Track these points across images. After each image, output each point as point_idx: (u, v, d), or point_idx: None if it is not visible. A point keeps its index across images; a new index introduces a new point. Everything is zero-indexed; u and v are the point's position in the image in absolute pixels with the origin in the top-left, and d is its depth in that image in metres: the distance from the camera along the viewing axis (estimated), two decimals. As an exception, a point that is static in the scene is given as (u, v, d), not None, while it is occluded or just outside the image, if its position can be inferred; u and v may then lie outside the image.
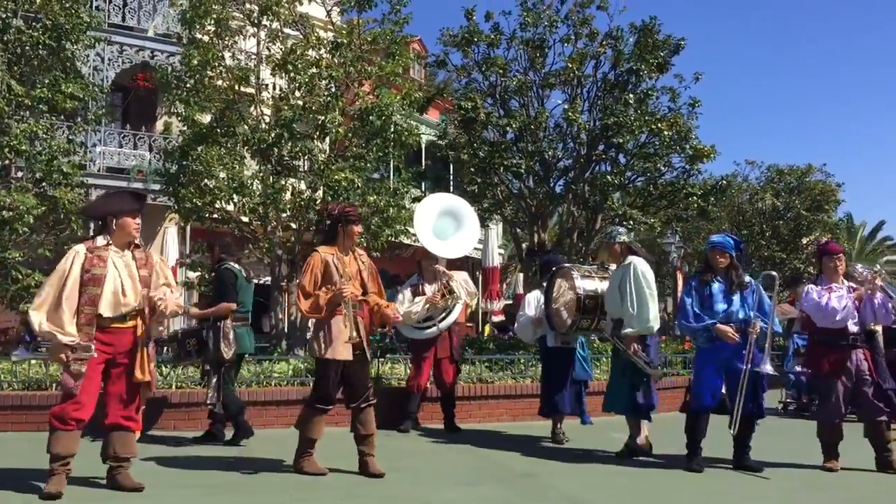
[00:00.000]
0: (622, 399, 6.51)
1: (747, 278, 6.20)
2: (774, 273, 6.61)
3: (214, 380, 6.76)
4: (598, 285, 6.73)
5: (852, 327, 6.02)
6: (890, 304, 6.01)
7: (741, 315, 5.98)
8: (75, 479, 4.90)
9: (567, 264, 7.32)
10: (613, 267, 6.72)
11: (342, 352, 5.38)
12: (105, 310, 4.75)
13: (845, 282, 6.20)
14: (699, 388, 6.16)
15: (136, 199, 5.13)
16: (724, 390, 6.19)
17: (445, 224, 7.92)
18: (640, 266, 6.30)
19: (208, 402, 6.77)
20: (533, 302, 7.65)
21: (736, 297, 6.05)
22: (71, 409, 4.68)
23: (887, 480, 5.89)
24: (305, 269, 5.53)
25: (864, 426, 6.27)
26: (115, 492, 4.83)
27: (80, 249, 4.88)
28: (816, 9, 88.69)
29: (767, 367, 5.94)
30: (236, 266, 7.09)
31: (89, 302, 4.72)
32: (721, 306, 6.02)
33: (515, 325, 8.24)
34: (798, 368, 10.88)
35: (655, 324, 6.29)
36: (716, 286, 6.09)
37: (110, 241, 4.92)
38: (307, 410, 5.61)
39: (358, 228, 5.61)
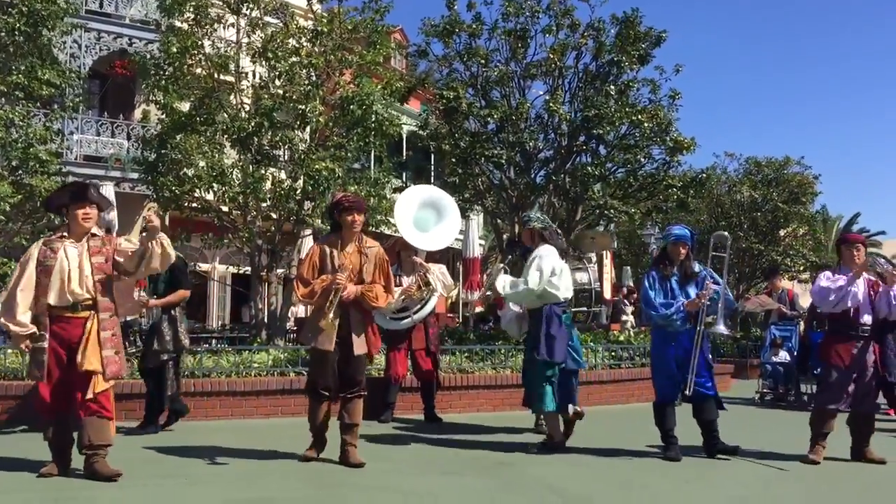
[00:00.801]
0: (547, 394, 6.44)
1: (697, 267, 6.29)
2: (726, 234, 6.66)
3: (173, 369, 6.92)
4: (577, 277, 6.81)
5: (866, 318, 6.03)
6: None
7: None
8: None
9: None
10: (593, 256, 6.76)
11: (322, 341, 5.42)
12: (52, 298, 4.88)
13: (865, 273, 6.17)
14: (660, 381, 6.25)
15: (80, 190, 5.19)
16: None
17: (426, 216, 7.91)
18: (545, 255, 6.29)
19: (170, 392, 6.92)
20: None
21: (692, 289, 6.15)
22: (47, 401, 4.88)
23: (868, 470, 5.95)
24: (304, 259, 5.65)
25: (849, 415, 6.25)
26: (94, 481, 4.80)
27: (39, 243, 5.08)
28: (796, 4, 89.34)
29: (721, 328, 6.05)
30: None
31: (42, 293, 4.88)
32: (682, 299, 6.14)
33: (501, 319, 8.24)
34: (774, 359, 11.04)
35: (514, 300, 6.33)
36: (674, 279, 6.21)
37: (65, 234, 5.05)
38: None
39: (351, 217, 5.51)
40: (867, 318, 6.05)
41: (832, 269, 6.38)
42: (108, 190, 13.49)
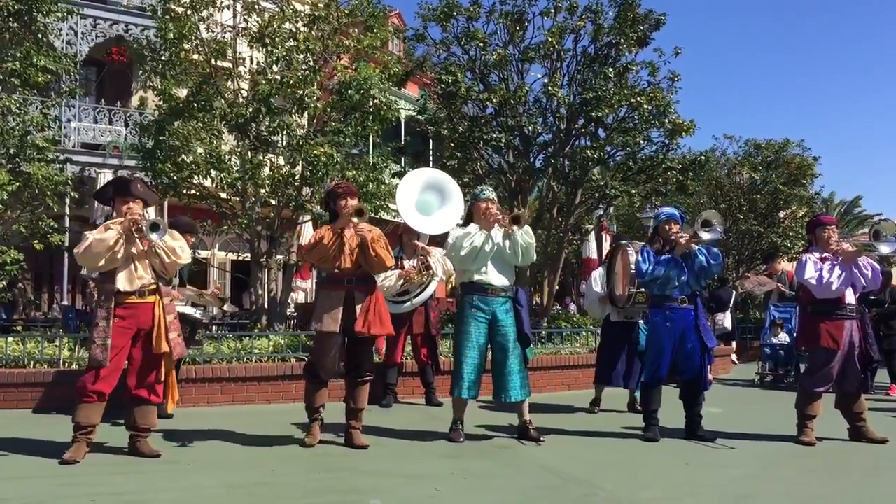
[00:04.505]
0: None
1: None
2: (714, 212, 6.62)
3: None
4: None
5: (850, 298, 6.02)
6: (871, 263, 5.99)
7: (691, 283, 6.18)
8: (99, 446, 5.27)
9: (624, 240, 7.47)
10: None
11: (328, 324, 5.51)
12: (122, 285, 5.10)
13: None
14: (653, 361, 6.28)
15: (124, 184, 5.43)
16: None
17: (429, 199, 7.89)
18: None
19: None
20: (599, 279, 7.80)
21: (685, 266, 6.16)
22: (91, 382, 5.00)
23: (859, 449, 5.98)
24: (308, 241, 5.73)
25: (836, 397, 6.29)
26: (94, 466, 4.84)
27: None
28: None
29: (705, 234, 6.05)
30: None
31: (108, 279, 5.10)
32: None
33: (583, 301, 8.49)
34: (774, 341, 11.06)
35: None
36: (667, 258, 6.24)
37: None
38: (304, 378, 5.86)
39: (344, 202, 5.57)
40: (851, 298, 6.05)
41: (809, 250, 6.31)
42: (107, 177, 13.47)
